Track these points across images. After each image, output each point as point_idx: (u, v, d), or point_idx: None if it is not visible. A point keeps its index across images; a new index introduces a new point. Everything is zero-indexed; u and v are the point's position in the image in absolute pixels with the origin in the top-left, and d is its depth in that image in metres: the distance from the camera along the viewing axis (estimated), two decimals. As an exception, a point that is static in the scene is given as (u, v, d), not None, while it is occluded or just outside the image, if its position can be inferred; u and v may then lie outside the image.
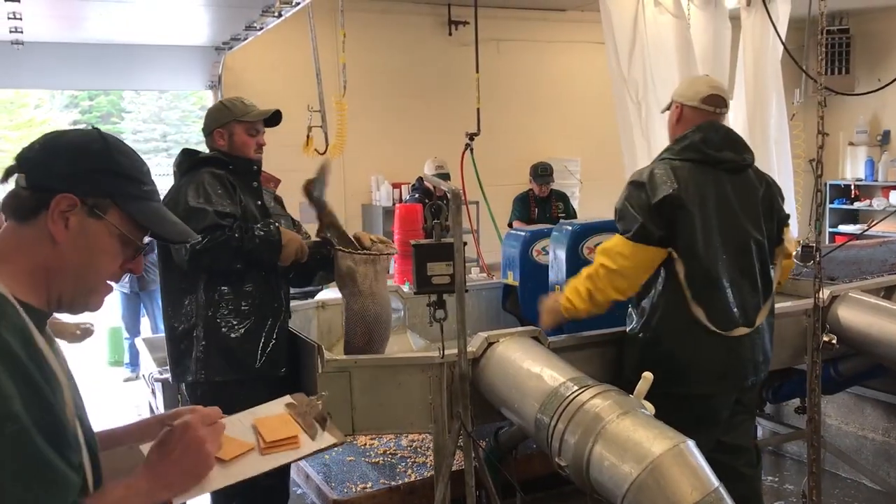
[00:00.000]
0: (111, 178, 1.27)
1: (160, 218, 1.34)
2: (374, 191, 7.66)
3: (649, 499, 2.02)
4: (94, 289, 1.29)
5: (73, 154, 1.26)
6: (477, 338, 2.74)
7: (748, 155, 2.86)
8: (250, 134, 2.95)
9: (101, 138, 1.29)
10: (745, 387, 2.83)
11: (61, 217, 1.22)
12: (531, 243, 3.72)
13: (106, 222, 1.25)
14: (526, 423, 2.49)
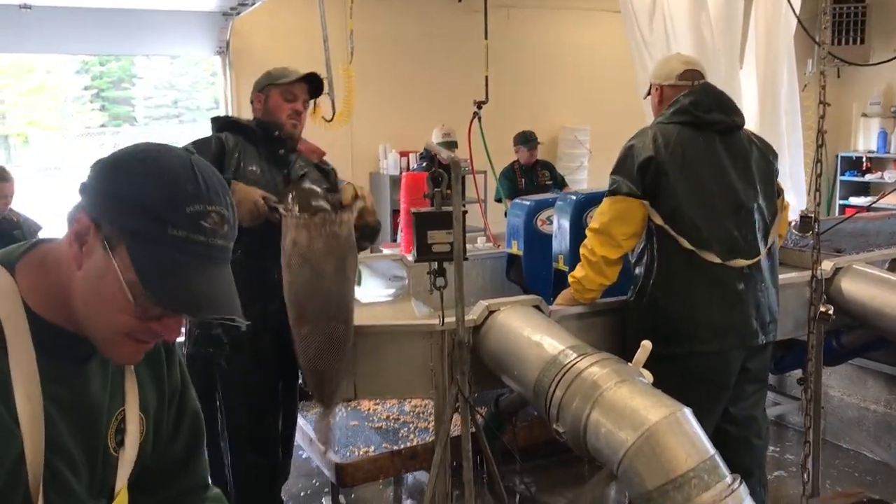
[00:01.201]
0: (127, 206, 1.00)
1: (166, 274, 1.00)
2: (381, 159, 7.66)
3: (645, 465, 2.04)
4: (104, 337, 1.06)
5: (109, 166, 1.04)
6: (478, 306, 2.76)
7: (738, 117, 2.90)
8: (286, 98, 2.88)
9: (153, 158, 1.03)
10: (753, 346, 2.82)
11: (77, 239, 1.02)
12: (535, 213, 3.72)
13: (113, 262, 1.00)
14: (525, 390, 2.52)
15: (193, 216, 1.00)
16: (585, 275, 2.83)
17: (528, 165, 6.58)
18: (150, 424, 1.22)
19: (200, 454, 1.35)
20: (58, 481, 1.07)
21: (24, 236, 4.29)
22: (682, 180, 2.74)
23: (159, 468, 1.27)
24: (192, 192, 1.01)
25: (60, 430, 1.07)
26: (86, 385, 1.11)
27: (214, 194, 1.03)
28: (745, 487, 2.03)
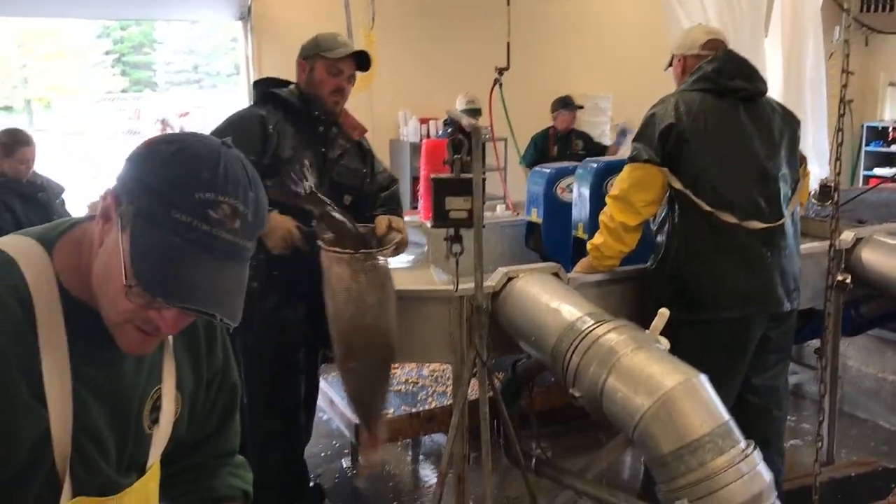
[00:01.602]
0: (139, 184, 0.99)
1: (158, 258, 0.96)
2: (401, 126, 7.65)
3: (660, 429, 2.08)
4: (114, 325, 1.04)
5: (144, 150, 1.02)
6: (497, 273, 2.79)
7: (761, 84, 2.88)
8: (331, 73, 2.82)
9: (181, 141, 1.02)
10: (777, 313, 2.83)
11: (104, 216, 1.01)
12: (556, 181, 3.73)
13: (121, 240, 0.98)
14: (543, 356, 2.55)
15: (202, 203, 0.96)
16: (604, 242, 2.85)
17: (563, 132, 6.49)
18: (186, 403, 1.24)
19: (231, 424, 1.38)
20: (84, 460, 1.08)
21: (48, 199, 4.34)
22: (703, 147, 2.74)
23: (188, 440, 1.30)
24: (207, 179, 0.97)
25: (89, 409, 1.08)
26: (118, 366, 1.11)
27: (233, 186, 0.99)
28: (759, 453, 2.06)
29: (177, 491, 1.34)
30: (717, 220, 2.71)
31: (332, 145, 2.89)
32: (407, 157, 7.37)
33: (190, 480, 1.35)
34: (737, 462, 1.99)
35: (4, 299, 1.00)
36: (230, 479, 1.37)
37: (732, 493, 1.97)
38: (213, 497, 1.35)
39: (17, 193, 4.20)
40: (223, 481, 1.36)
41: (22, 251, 1.05)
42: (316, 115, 2.84)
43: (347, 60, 2.84)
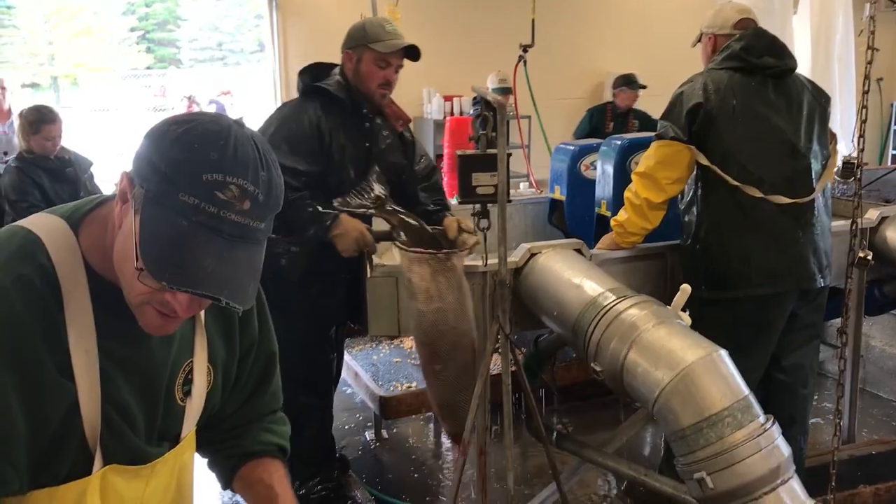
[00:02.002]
0: (152, 167, 0.98)
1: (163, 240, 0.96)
2: (425, 103, 7.66)
3: (679, 403, 2.11)
4: (134, 305, 1.05)
5: (156, 131, 1.01)
6: (520, 249, 2.82)
7: (790, 60, 2.88)
8: (379, 65, 2.74)
9: (193, 122, 1.00)
10: (809, 290, 2.84)
11: (121, 197, 1.02)
12: (579, 158, 3.74)
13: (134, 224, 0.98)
14: (564, 331, 2.58)
15: (210, 185, 0.95)
16: (628, 218, 2.87)
17: (622, 110, 6.43)
18: (219, 375, 1.27)
19: (268, 389, 1.40)
20: (113, 431, 1.11)
21: (77, 174, 4.40)
22: (732, 126, 2.74)
23: (224, 407, 1.33)
24: (215, 160, 0.96)
25: (117, 383, 1.10)
26: (145, 341, 1.12)
27: (241, 167, 0.97)
28: (778, 428, 2.08)
29: (209, 448, 1.38)
30: (744, 195, 2.71)
31: (376, 139, 2.86)
32: (430, 134, 7.38)
33: (223, 438, 1.38)
34: (755, 436, 2.02)
35: (31, 278, 1.02)
36: (263, 434, 1.39)
37: (750, 467, 2.00)
38: (242, 453, 1.37)
39: (46, 169, 4.26)
40: (256, 438, 1.38)
41: (48, 230, 1.07)
42: (364, 112, 2.81)
43: (397, 53, 2.78)
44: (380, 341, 3.81)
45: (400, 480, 3.65)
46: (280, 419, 1.44)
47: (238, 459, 1.37)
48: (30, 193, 4.15)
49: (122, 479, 1.14)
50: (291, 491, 1.34)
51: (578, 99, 8.02)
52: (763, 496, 2.00)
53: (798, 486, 2.06)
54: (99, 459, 1.10)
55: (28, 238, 1.05)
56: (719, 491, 2.03)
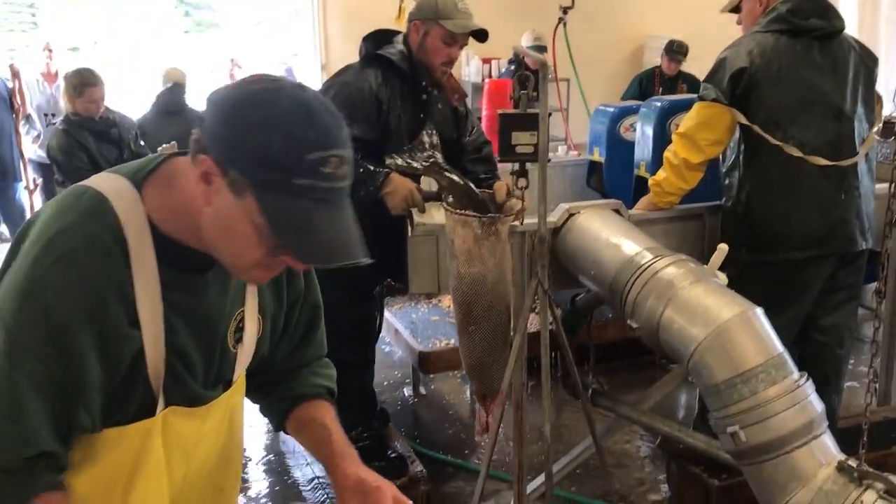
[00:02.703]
0: (250, 157, 1.02)
1: (297, 225, 1.04)
2: (463, 66, 7.65)
3: (714, 359, 2.15)
4: (236, 265, 1.14)
5: (228, 111, 1.05)
6: (559, 208, 2.85)
7: (837, 21, 2.84)
8: (446, 42, 2.74)
9: (272, 101, 1.03)
10: (850, 252, 2.84)
11: (204, 179, 1.06)
12: (619, 119, 3.75)
13: (243, 206, 1.04)
14: (601, 289, 2.63)
15: (315, 163, 1.01)
16: (666, 178, 2.89)
17: (669, 75, 6.43)
18: (268, 324, 1.35)
19: (314, 337, 1.48)
20: (174, 375, 1.18)
21: (121, 135, 4.49)
22: (776, 89, 2.74)
23: (273, 354, 1.41)
24: (313, 138, 1.02)
25: (179, 332, 1.17)
26: (204, 292, 1.20)
27: (333, 137, 1.04)
28: (812, 384, 2.12)
29: (261, 394, 1.47)
30: (787, 158, 2.71)
31: (431, 111, 2.89)
32: (469, 97, 7.38)
33: (273, 384, 1.46)
34: (789, 392, 2.06)
35: (100, 235, 1.09)
36: (312, 378, 1.46)
37: (783, 422, 2.04)
38: (294, 395, 1.44)
39: (91, 131, 4.34)
40: (305, 381, 1.46)
41: (114, 190, 1.12)
42: (423, 85, 2.83)
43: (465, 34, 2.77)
44: (419, 300, 3.89)
45: (437, 435, 3.76)
46: (326, 364, 1.52)
47: (291, 402, 1.44)
48: (76, 155, 4.23)
49: (181, 419, 1.23)
50: (342, 429, 1.41)
51: (617, 62, 7.96)
52: (795, 450, 2.04)
53: (830, 442, 2.10)
54: (161, 402, 1.18)
55: (96, 198, 1.11)
56: (752, 444, 2.08)
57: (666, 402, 3.69)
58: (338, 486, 1.33)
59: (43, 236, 1.09)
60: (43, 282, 1.06)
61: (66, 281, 1.06)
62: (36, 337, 1.06)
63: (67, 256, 1.07)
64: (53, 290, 1.06)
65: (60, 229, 1.09)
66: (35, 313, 1.06)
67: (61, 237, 1.08)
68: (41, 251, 1.07)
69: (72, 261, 1.07)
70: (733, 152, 2.89)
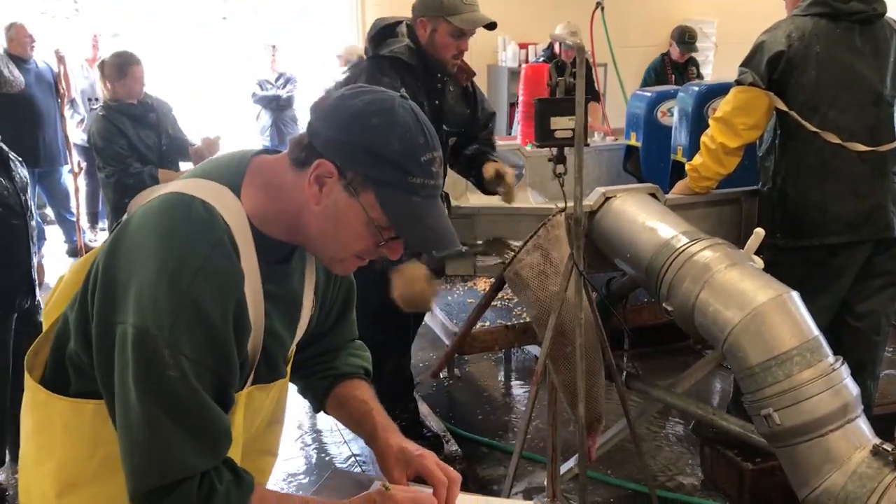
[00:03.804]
0: (373, 159, 1.15)
1: (413, 218, 1.18)
2: (500, 51, 7.65)
3: (749, 342, 2.16)
4: (335, 258, 1.25)
5: (347, 119, 1.16)
6: (595, 192, 2.87)
7: (878, 5, 2.81)
8: (454, 36, 2.74)
9: (388, 110, 1.16)
10: (886, 238, 2.82)
11: (317, 181, 1.17)
12: (657, 104, 3.74)
13: (358, 203, 1.16)
14: (637, 272, 2.65)
15: (426, 164, 1.16)
16: (703, 162, 2.89)
17: (680, 62, 6.44)
18: (318, 301, 1.43)
19: (350, 317, 1.57)
20: (268, 359, 1.29)
21: (158, 119, 4.53)
22: (814, 74, 2.72)
23: (314, 332, 1.48)
24: (424, 143, 1.16)
25: (273, 318, 1.27)
26: (289, 280, 1.31)
27: (435, 140, 1.19)
28: (847, 368, 2.13)
29: (302, 373, 1.53)
30: (824, 143, 2.70)
31: (445, 96, 2.91)
32: (504, 82, 7.39)
33: (314, 364, 1.54)
34: (824, 375, 2.07)
35: (223, 240, 1.16)
36: (350, 358, 1.54)
37: (817, 404, 2.05)
38: (334, 374, 1.52)
39: (129, 116, 4.39)
40: (344, 361, 1.54)
41: (218, 198, 1.19)
42: (438, 76, 2.84)
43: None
44: (454, 282, 3.93)
45: (471, 416, 3.81)
46: (361, 346, 1.60)
47: (331, 381, 1.52)
48: (115, 141, 4.29)
49: (260, 393, 1.32)
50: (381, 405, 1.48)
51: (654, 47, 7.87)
52: (829, 433, 2.06)
53: (865, 426, 2.11)
54: (250, 380, 1.28)
55: (206, 208, 1.17)
56: (786, 427, 2.09)
57: (700, 387, 3.70)
58: (381, 455, 1.39)
59: (169, 247, 1.13)
60: (191, 293, 1.10)
61: (213, 287, 1.12)
62: (200, 345, 1.11)
63: (206, 267, 1.12)
64: (205, 297, 1.11)
65: (187, 240, 1.14)
66: (192, 322, 1.10)
67: (193, 249, 1.13)
68: (178, 264, 1.11)
69: (211, 270, 1.12)
70: (769, 136, 2.88)
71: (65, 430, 1.26)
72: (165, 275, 1.10)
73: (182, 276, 1.10)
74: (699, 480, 3.20)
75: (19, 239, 3.00)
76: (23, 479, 1.36)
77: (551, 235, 2.48)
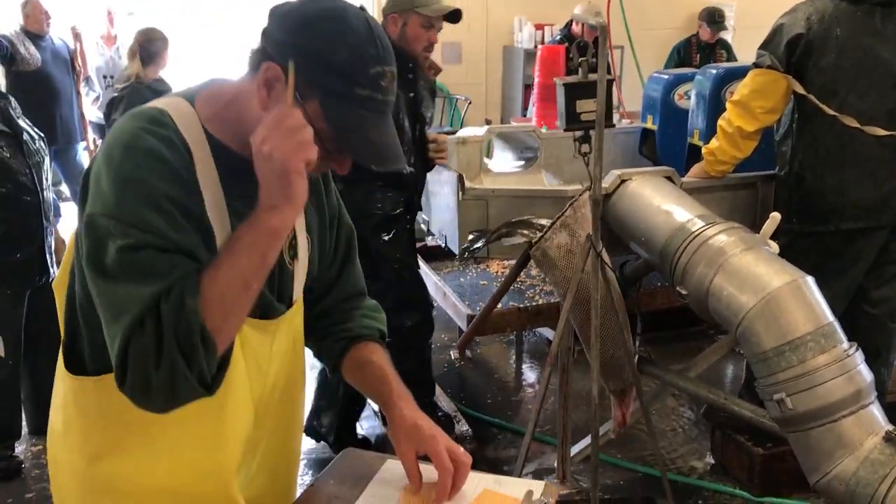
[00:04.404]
0: (320, 65, 1.11)
1: (357, 131, 1.13)
2: (515, 32, 7.59)
3: (763, 327, 2.15)
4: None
5: (297, 24, 1.13)
6: (610, 175, 2.86)
7: None
8: (424, 27, 2.83)
9: (341, 17, 1.13)
10: None
11: (266, 85, 1.13)
12: (674, 86, 3.71)
13: (305, 111, 1.11)
14: (651, 255, 2.64)
15: (375, 77, 1.12)
16: (720, 146, 2.87)
17: (708, 43, 6.36)
18: (315, 242, 1.40)
19: (353, 265, 1.54)
20: None
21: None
22: (833, 57, 2.69)
23: (319, 281, 1.47)
24: (374, 54, 1.12)
25: None
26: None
27: (388, 54, 1.15)
28: (861, 354, 2.11)
29: (318, 334, 1.52)
30: (842, 127, 2.68)
31: (416, 89, 3.00)
32: (520, 63, 7.34)
33: (329, 324, 1.52)
34: (838, 361, 2.06)
35: (170, 138, 1.13)
36: (365, 320, 1.52)
37: (831, 390, 2.04)
38: (350, 336, 1.49)
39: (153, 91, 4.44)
40: (359, 323, 1.51)
41: (170, 104, 1.19)
42: (410, 67, 2.91)
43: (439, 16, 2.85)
44: (468, 264, 3.93)
45: (482, 397, 3.82)
46: (376, 307, 1.58)
47: (346, 342, 1.50)
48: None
49: (255, 331, 1.27)
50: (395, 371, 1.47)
51: (671, 29, 7.81)
52: (842, 419, 2.05)
53: (878, 412, 2.09)
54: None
55: (156, 109, 1.17)
56: (798, 412, 2.09)
57: (712, 372, 3.69)
58: (394, 424, 1.39)
59: (119, 142, 1.12)
60: (139, 171, 1.09)
61: (158, 166, 1.10)
62: (147, 215, 1.08)
63: (153, 151, 1.11)
64: (149, 172, 1.09)
65: (135, 134, 1.12)
66: (138, 194, 1.08)
67: (139, 140, 1.11)
68: (124, 152, 1.11)
69: (158, 155, 1.11)
70: (787, 120, 2.86)
71: (76, 405, 1.28)
72: (113, 163, 1.10)
73: (127, 162, 1.09)
74: (709, 465, 3.21)
75: (32, 215, 3.02)
76: (51, 450, 1.37)
77: (578, 215, 2.46)
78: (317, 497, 1.40)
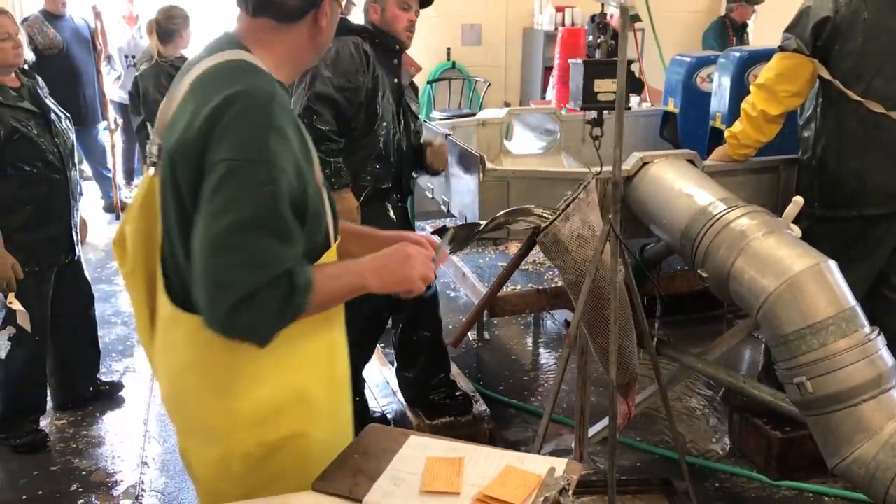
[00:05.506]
0: None
1: None
2: (536, 14, 7.56)
3: (784, 310, 2.16)
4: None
5: None
6: (632, 157, 2.85)
7: None
8: (402, 8, 2.94)
9: None
10: None
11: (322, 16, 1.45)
12: (696, 69, 3.69)
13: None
14: (672, 238, 2.64)
15: None
16: (743, 129, 2.86)
17: (740, 22, 6.28)
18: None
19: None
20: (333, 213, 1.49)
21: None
22: (860, 41, 2.66)
23: None
24: None
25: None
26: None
27: None
28: (883, 339, 2.11)
29: None
30: (867, 112, 2.65)
31: (403, 74, 3.07)
32: (540, 45, 7.31)
33: None
34: (859, 345, 2.06)
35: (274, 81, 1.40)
36: None
37: (852, 374, 2.05)
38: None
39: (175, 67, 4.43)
40: None
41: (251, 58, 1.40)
42: (398, 49, 3.00)
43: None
44: (486, 245, 3.94)
45: (499, 378, 3.84)
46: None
47: None
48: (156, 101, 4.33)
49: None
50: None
51: (693, 12, 7.76)
52: (862, 403, 2.06)
53: (899, 397, 2.10)
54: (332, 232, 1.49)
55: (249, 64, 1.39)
56: (818, 395, 2.09)
57: (730, 356, 3.68)
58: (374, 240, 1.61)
59: (265, 98, 1.33)
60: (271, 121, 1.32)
61: (285, 114, 1.35)
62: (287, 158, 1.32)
63: (277, 97, 1.35)
64: (282, 122, 1.33)
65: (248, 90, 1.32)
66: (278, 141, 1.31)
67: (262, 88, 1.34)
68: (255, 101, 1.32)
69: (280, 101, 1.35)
70: (811, 104, 2.84)
71: (209, 347, 1.38)
72: (249, 113, 1.30)
73: (261, 110, 1.31)
74: (727, 448, 3.21)
75: (60, 194, 3.06)
76: (188, 416, 1.50)
77: (588, 199, 2.47)
78: (342, 472, 1.43)
